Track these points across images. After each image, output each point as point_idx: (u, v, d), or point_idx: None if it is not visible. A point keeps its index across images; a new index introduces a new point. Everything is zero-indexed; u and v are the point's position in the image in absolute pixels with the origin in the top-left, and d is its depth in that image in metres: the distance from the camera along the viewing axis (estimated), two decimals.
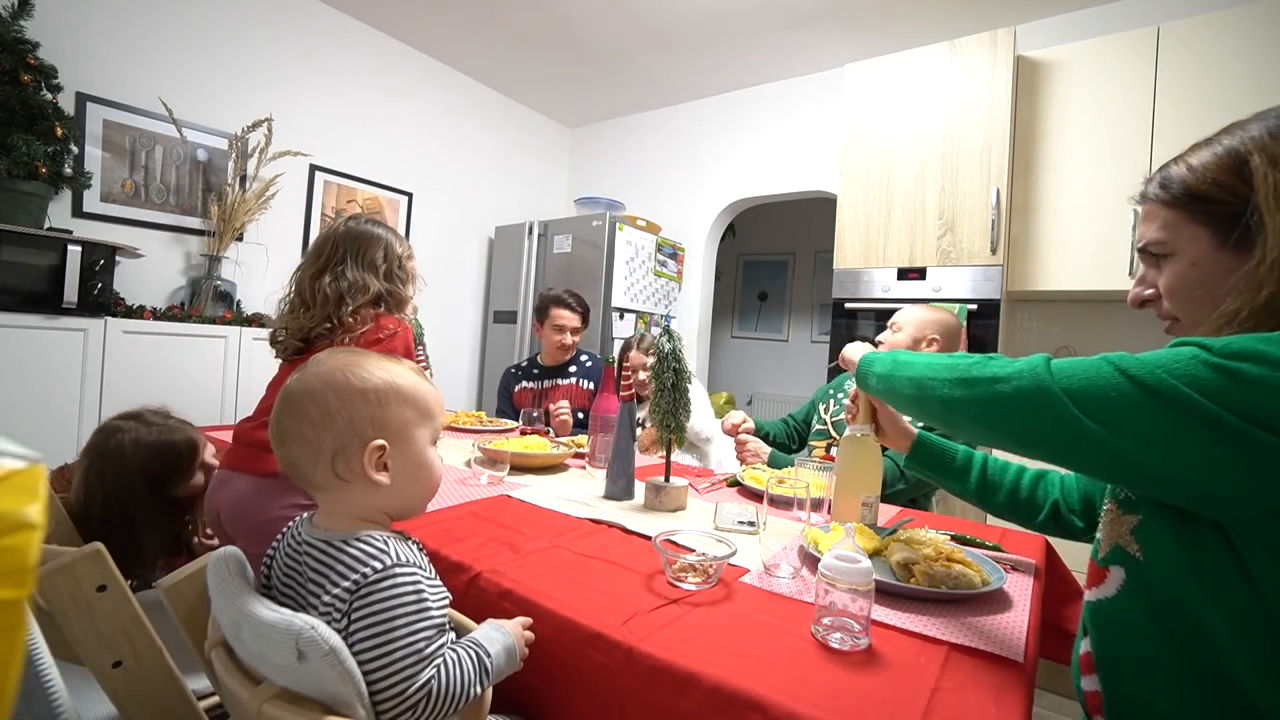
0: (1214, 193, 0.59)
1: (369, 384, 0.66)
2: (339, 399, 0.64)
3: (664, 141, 3.91)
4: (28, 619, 0.31)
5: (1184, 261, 0.63)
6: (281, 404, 0.66)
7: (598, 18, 2.92)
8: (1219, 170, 0.59)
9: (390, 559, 0.60)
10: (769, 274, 5.06)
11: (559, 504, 1.20)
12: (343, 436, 0.64)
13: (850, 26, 2.83)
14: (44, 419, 1.96)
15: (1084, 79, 2.22)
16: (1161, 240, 0.64)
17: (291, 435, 0.64)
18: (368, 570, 0.58)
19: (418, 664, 0.57)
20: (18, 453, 0.32)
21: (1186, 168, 0.62)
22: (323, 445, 0.64)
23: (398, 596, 0.58)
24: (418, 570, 0.61)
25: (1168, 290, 0.65)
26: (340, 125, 3.08)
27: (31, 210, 2.00)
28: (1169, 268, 0.64)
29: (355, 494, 0.65)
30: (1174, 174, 0.63)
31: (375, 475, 0.64)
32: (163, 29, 2.47)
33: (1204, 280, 0.61)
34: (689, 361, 2.00)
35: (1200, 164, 0.61)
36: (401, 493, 0.67)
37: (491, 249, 3.86)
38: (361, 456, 0.64)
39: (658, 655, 0.64)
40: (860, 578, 0.68)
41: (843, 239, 2.58)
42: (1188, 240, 0.62)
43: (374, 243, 1.34)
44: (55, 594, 0.66)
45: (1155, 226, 0.65)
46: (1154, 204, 0.66)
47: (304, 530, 0.66)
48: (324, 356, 0.68)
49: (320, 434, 0.64)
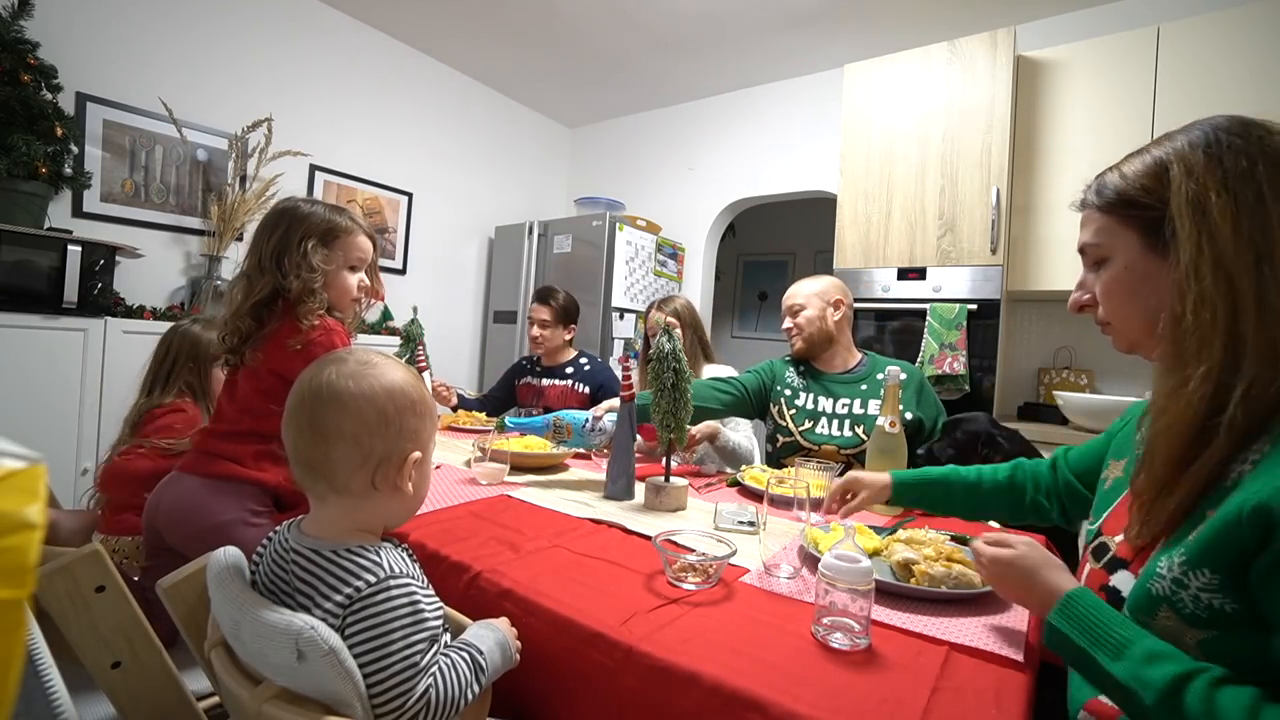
0: (1140, 198, 0.62)
1: (415, 395, 0.67)
2: (396, 408, 0.64)
3: (664, 141, 3.91)
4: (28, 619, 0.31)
5: (1118, 265, 0.65)
6: (331, 401, 0.63)
7: (598, 18, 2.92)
8: (1145, 177, 0.62)
9: (384, 570, 0.59)
10: (769, 274, 5.06)
11: (559, 504, 1.20)
12: (392, 445, 0.64)
13: (850, 26, 2.83)
14: (44, 419, 1.96)
15: (1084, 79, 2.23)
16: (1097, 244, 0.67)
17: (341, 436, 0.62)
18: (361, 584, 0.58)
19: (415, 675, 0.57)
20: (18, 453, 0.32)
21: (1119, 175, 0.65)
22: (373, 451, 0.63)
23: (393, 609, 0.58)
24: (411, 581, 0.61)
25: (1104, 293, 0.67)
26: (340, 125, 3.09)
27: (31, 210, 2.00)
28: (1105, 272, 0.67)
29: (374, 503, 0.65)
30: (1108, 180, 0.66)
31: (404, 486, 0.65)
32: (163, 29, 2.48)
33: (1135, 283, 0.64)
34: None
35: (1131, 171, 0.64)
36: (410, 503, 0.69)
37: (491, 249, 3.86)
38: (402, 467, 0.65)
39: (657, 655, 0.64)
40: (860, 578, 0.68)
41: (843, 239, 2.58)
42: (1121, 244, 0.64)
43: (274, 227, 1.14)
44: (54, 594, 0.66)
45: (1091, 230, 0.68)
46: (1091, 209, 0.68)
47: (291, 538, 0.64)
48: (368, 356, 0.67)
49: (374, 440, 0.63)
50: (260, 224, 1.15)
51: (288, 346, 1.07)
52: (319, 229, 1.14)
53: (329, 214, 1.16)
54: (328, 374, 0.64)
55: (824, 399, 1.59)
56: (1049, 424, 2.22)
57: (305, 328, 1.07)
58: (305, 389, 0.65)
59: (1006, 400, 2.54)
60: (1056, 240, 2.25)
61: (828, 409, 1.57)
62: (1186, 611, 0.53)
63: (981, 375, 2.25)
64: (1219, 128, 0.59)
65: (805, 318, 1.61)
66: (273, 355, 1.10)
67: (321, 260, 1.12)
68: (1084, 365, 2.48)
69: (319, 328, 1.09)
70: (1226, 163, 0.57)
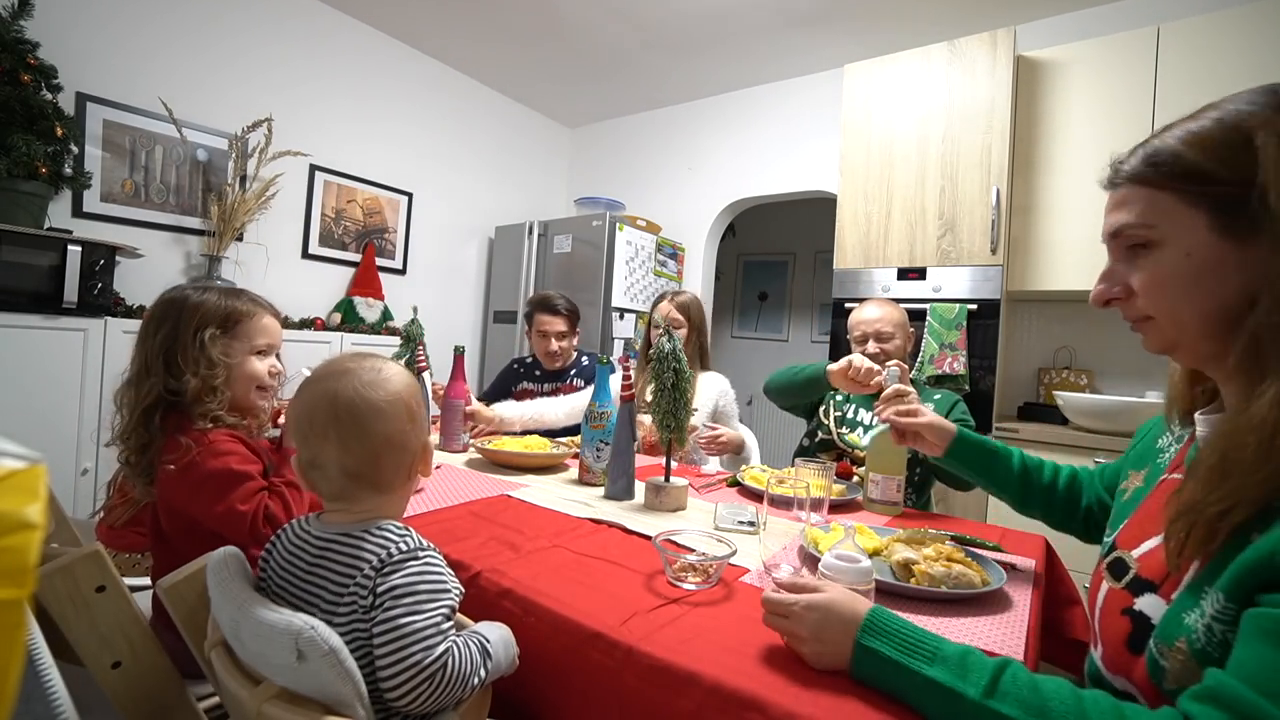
0: (1216, 171, 0.51)
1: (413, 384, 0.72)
2: (416, 401, 0.70)
3: (664, 141, 3.91)
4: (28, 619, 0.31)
5: (1175, 251, 0.54)
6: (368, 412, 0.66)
7: (598, 18, 2.92)
8: (1220, 146, 0.52)
9: (414, 542, 0.64)
10: (769, 274, 5.06)
11: (559, 504, 1.20)
12: (422, 438, 0.71)
13: (850, 26, 2.83)
14: (44, 419, 1.96)
15: (1084, 79, 2.23)
16: (1147, 226, 0.56)
17: (388, 442, 0.67)
18: (394, 549, 0.62)
19: (436, 636, 0.59)
20: (18, 453, 0.32)
21: (1180, 142, 0.54)
22: (411, 446, 0.69)
23: (421, 574, 0.62)
24: (437, 557, 0.65)
25: (1151, 286, 0.57)
26: (340, 125, 3.09)
27: (31, 210, 2.00)
28: (1151, 260, 0.57)
29: (403, 494, 0.72)
30: (1163, 149, 0.55)
31: (416, 484, 0.74)
32: (162, 29, 2.48)
33: (1198, 273, 0.54)
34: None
35: (1197, 138, 0.53)
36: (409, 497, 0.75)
37: (491, 249, 3.86)
38: (425, 455, 0.72)
39: (657, 655, 0.64)
40: (860, 578, 0.68)
41: (843, 239, 2.58)
42: (1181, 226, 0.54)
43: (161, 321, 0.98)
44: (54, 594, 0.66)
45: (1136, 211, 0.57)
46: (1135, 186, 0.57)
47: (314, 528, 0.67)
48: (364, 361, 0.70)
49: (410, 436, 0.69)
50: (144, 320, 1.00)
51: (163, 464, 0.93)
52: (216, 316, 0.99)
53: (225, 299, 1.02)
54: (351, 387, 0.66)
55: (865, 411, 1.64)
56: (1049, 424, 2.22)
57: (184, 444, 0.91)
58: (334, 407, 0.65)
59: (1006, 400, 2.54)
60: (1056, 240, 2.25)
61: (865, 420, 1.63)
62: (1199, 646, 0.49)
63: (981, 375, 2.25)
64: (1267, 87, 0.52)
65: (894, 347, 1.61)
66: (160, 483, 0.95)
67: (222, 352, 0.98)
68: (1084, 365, 2.48)
69: (199, 445, 0.92)
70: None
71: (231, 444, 0.95)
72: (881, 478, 1.25)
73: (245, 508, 0.90)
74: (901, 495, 1.26)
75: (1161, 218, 0.55)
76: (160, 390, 0.95)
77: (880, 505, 1.26)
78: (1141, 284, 0.58)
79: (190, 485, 0.91)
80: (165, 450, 0.93)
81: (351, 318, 3.03)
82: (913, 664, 0.54)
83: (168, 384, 0.95)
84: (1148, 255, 0.57)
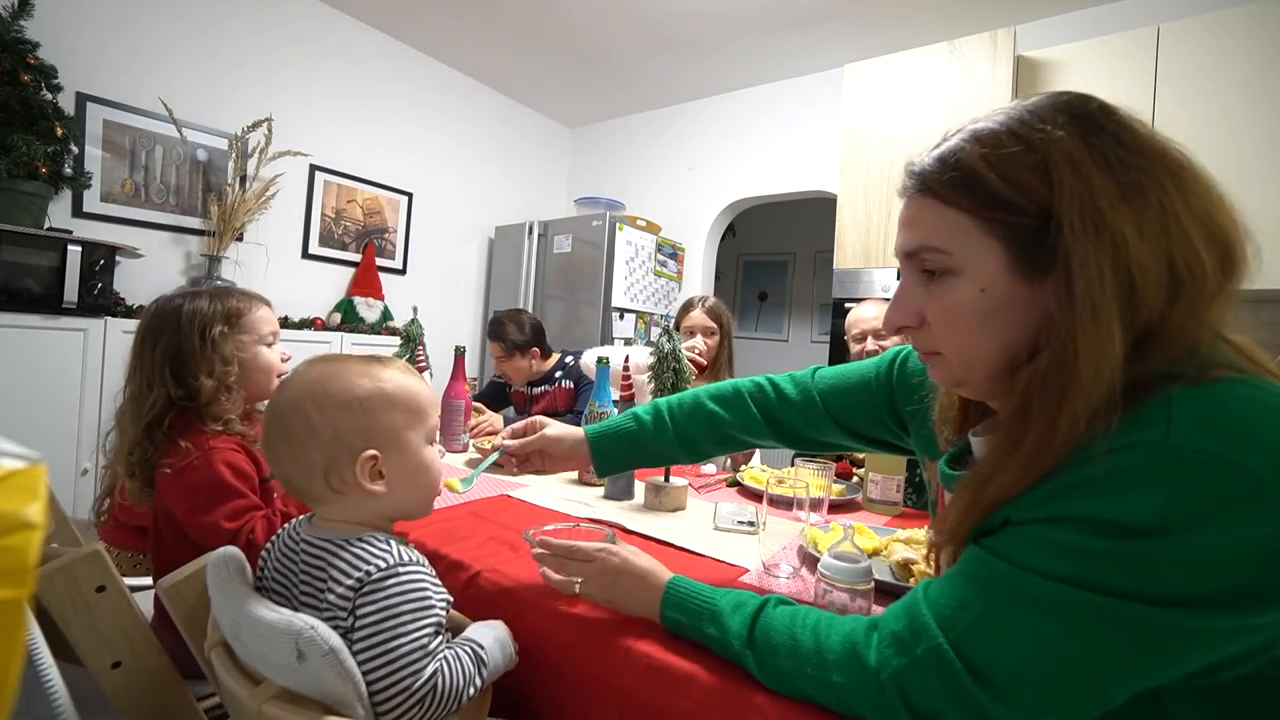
0: (1016, 200, 0.47)
1: (352, 393, 0.63)
2: (321, 412, 0.62)
3: (664, 141, 3.91)
4: (28, 619, 0.31)
5: (970, 285, 0.50)
6: (268, 421, 0.65)
7: (598, 18, 2.92)
8: (1024, 169, 0.46)
9: (393, 558, 0.60)
10: (769, 274, 5.06)
11: (559, 504, 1.20)
12: (330, 450, 0.62)
13: (850, 27, 2.83)
14: (44, 419, 1.96)
15: (1084, 79, 2.22)
16: (944, 252, 0.50)
17: (280, 456, 0.64)
18: (371, 569, 0.59)
19: (423, 658, 0.58)
20: (18, 453, 0.32)
21: (982, 159, 0.48)
22: (312, 461, 0.62)
23: (402, 593, 0.59)
24: (420, 569, 0.62)
25: (943, 319, 0.52)
26: (340, 125, 3.09)
27: (31, 210, 2.00)
28: (946, 289, 0.51)
29: (353, 503, 0.64)
30: (965, 162, 0.49)
31: (370, 485, 0.63)
32: (163, 29, 2.48)
33: (991, 312, 0.49)
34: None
35: (998, 158, 0.47)
36: (400, 498, 0.67)
37: (491, 249, 3.86)
38: (354, 468, 0.62)
39: (656, 654, 0.64)
40: (860, 578, 0.68)
41: (843, 239, 2.58)
42: (978, 257, 0.49)
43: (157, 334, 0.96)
44: (54, 594, 0.66)
45: (932, 230, 0.51)
46: (931, 199, 0.51)
47: (303, 530, 0.66)
48: (305, 367, 0.66)
49: (308, 451, 0.62)
50: (139, 336, 0.97)
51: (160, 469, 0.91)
52: (219, 314, 0.98)
53: (218, 298, 1.00)
54: (276, 396, 0.66)
55: None
56: None
57: (183, 448, 0.90)
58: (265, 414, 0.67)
59: None
60: None
61: None
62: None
63: None
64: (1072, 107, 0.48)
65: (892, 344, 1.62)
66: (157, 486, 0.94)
67: (234, 348, 0.97)
68: None
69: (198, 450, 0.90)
70: (1114, 161, 0.45)
71: (232, 454, 0.93)
72: (881, 478, 1.26)
73: (230, 525, 0.88)
74: (901, 495, 1.26)
75: (959, 244, 0.50)
76: (165, 402, 0.93)
77: (880, 505, 1.26)
78: (935, 315, 0.53)
79: (180, 489, 0.90)
80: (166, 455, 0.92)
81: (351, 318, 3.03)
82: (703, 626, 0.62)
83: (175, 392, 0.94)
84: (942, 284, 0.52)
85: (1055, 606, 0.43)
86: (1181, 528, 0.39)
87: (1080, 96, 0.49)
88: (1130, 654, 0.41)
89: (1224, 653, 0.41)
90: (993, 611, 0.45)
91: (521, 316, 2.18)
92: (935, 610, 0.48)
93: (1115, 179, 0.45)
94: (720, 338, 1.99)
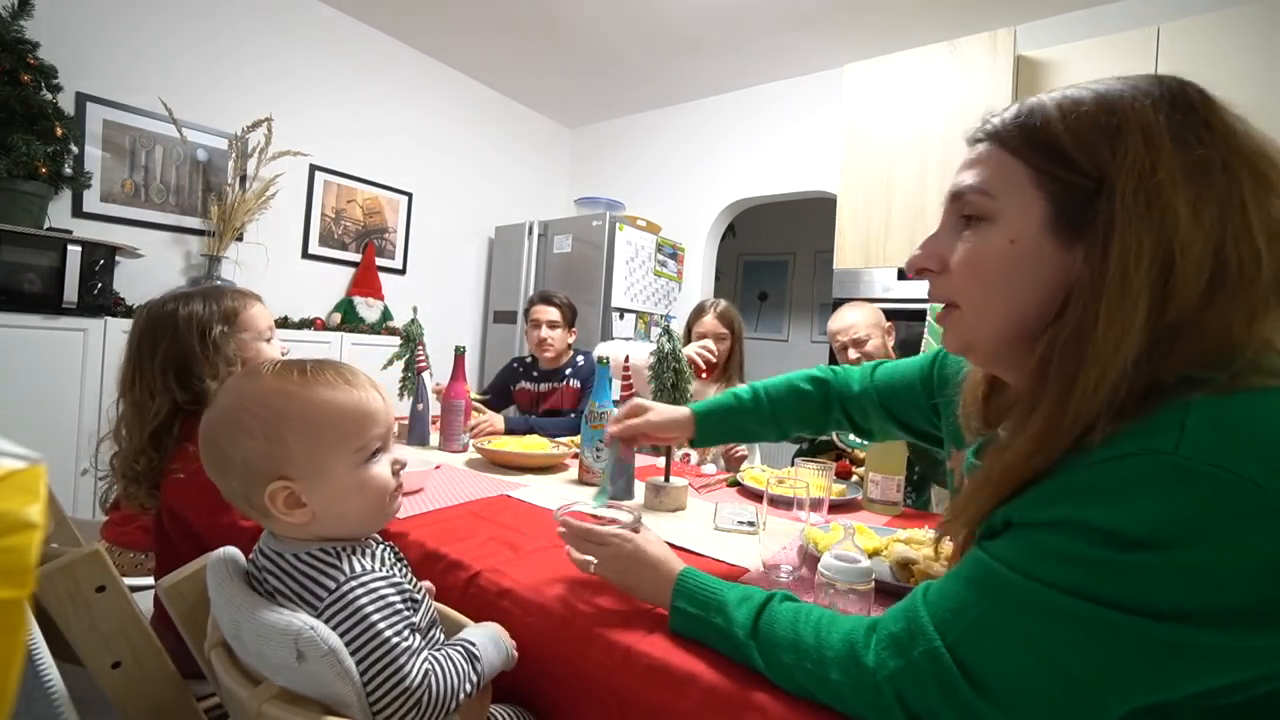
0: (1072, 152, 0.46)
1: (255, 422, 0.58)
2: (230, 441, 0.59)
3: (664, 141, 3.91)
4: (28, 619, 0.31)
5: (1001, 235, 0.50)
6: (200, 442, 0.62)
7: (598, 18, 2.92)
8: (1090, 125, 0.46)
9: (343, 574, 0.58)
10: (769, 274, 5.06)
11: (559, 504, 1.19)
12: (242, 479, 0.59)
13: (850, 26, 2.83)
14: (44, 419, 1.96)
15: (1084, 79, 2.21)
16: (988, 194, 0.50)
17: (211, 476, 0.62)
18: (320, 592, 0.57)
19: (408, 657, 0.57)
20: (18, 453, 0.32)
21: (1057, 107, 0.48)
22: (231, 489, 0.60)
23: (359, 610, 0.56)
24: (373, 576, 0.59)
25: (966, 264, 0.52)
26: (340, 125, 3.09)
27: (31, 210, 2.00)
28: (977, 236, 0.51)
29: (285, 525, 0.60)
30: (1039, 110, 0.49)
31: (287, 517, 0.59)
32: (163, 29, 2.48)
33: (1016, 265, 0.49)
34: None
35: (1072, 112, 0.47)
36: (333, 522, 0.61)
37: (491, 249, 3.86)
38: (263, 497, 0.58)
39: (656, 654, 0.64)
40: (860, 578, 0.68)
41: (843, 239, 2.58)
42: (1018, 207, 0.49)
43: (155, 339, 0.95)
44: (54, 594, 0.66)
45: (986, 172, 0.51)
46: (994, 145, 0.51)
47: (263, 541, 0.64)
48: (228, 385, 0.62)
49: (226, 478, 0.60)
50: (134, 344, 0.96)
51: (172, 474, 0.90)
52: (217, 315, 0.97)
53: (213, 298, 0.99)
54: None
55: None
56: None
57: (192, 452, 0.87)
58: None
59: None
60: None
61: None
62: None
63: None
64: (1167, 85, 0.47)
65: (874, 348, 1.64)
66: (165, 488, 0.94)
67: (236, 346, 0.97)
68: None
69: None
70: (1191, 142, 0.44)
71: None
72: (881, 478, 1.26)
73: (248, 523, 0.87)
74: (901, 495, 1.26)
75: (1006, 189, 0.50)
76: (170, 408, 0.92)
77: (880, 505, 1.26)
78: (958, 261, 0.53)
79: (194, 491, 0.88)
80: (175, 459, 0.91)
81: (351, 318, 3.03)
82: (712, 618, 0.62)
83: (180, 397, 0.93)
84: (975, 230, 0.52)
85: (1051, 615, 0.42)
86: (1181, 542, 0.38)
87: (1180, 79, 0.47)
88: (1126, 667, 0.40)
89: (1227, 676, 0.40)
90: (990, 617, 0.45)
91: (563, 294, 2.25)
92: (934, 613, 0.48)
93: (1185, 156, 0.43)
94: (732, 342, 1.99)
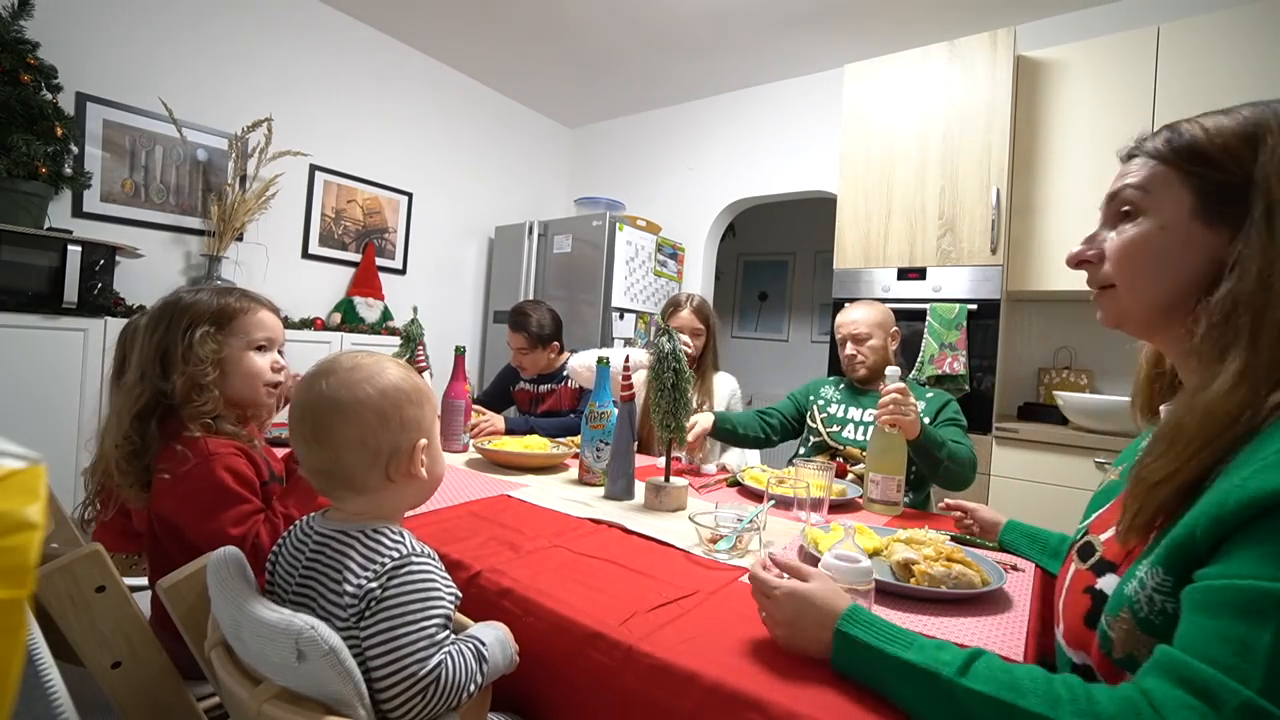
0: (1217, 155, 0.55)
1: (405, 385, 0.68)
2: (392, 403, 0.67)
3: (664, 141, 3.91)
4: (28, 619, 0.31)
5: (1152, 223, 0.58)
6: (330, 412, 0.65)
7: (598, 18, 2.92)
8: (1231, 136, 0.55)
9: (407, 549, 0.63)
10: (769, 274, 5.06)
11: (559, 504, 1.20)
12: (396, 439, 0.67)
13: (850, 26, 2.83)
14: (44, 419, 1.96)
15: (1084, 79, 2.22)
16: (1141, 189, 0.59)
17: (347, 443, 0.65)
18: (385, 560, 0.61)
19: (429, 648, 0.59)
20: (18, 453, 0.32)
21: (1199, 126, 0.57)
22: (381, 449, 0.66)
23: (414, 584, 0.61)
24: (430, 561, 0.64)
25: (1120, 250, 0.61)
26: (340, 125, 3.09)
27: (31, 210, 2.00)
28: (1130, 226, 0.60)
29: (393, 494, 0.68)
30: (1184, 130, 0.58)
31: (420, 471, 0.68)
32: (163, 28, 2.48)
33: (1166, 248, 0.57)
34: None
35: (1214, 126, 0.56)
36: (426, 486, 0.71)
37: (491, 249, 3.86)
38: (413, 456, 0.68)
39: (657, 654, 0.64)
40: (860, 577, 0.68)
41: (843, 239, 2.58)
42: (1167, 200, 0.58)
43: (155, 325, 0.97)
44: (54, 594, 0.66)
45: (1138, 175, 0.60)
46: (1147, 156, 0.60)
47: (316, 524, 0.67)
48: (342, 361, 0.68)
49: (379, 438, 0.66)
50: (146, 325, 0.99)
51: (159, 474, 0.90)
52: (208, 314, 0.97)
53: (217, 296, 1.00)
54: (319, 387, 0.66)
55: (854, 409, 1.67)
56: (1049, 424, 2.22)
57: (179, 452, 0.89)
58: (304, 404, 0.66)
59: (1006, 400, 2.54)
60: (1056, 240, 2.25)
61: (856, 416, 1.65)
62: (1141, 615, 0.52)
63: (982, 375, 2.25)
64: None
65: (871, 347, 1.64)
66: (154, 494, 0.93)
67: (214, 349, 0.95)
68: (1084, 365, 2.48)
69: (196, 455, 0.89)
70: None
71: (233, 458, 0.92)
72: (881, 478, 1.26)
73: (237, 531, 0.87)
74: (901, 495, 1.26)
75: (1156, 186, 0.58)
76: (151, 394, 0.92)
77: (880, 505, 1.26)
78: (1114, 247, 0.61)
79: (181, 496, 0.88)
80: (161, 459, 0.91)
81: (351, 318, 3.03)
82: (890, 649, 0.57)
83: (160, 386, 0.93)
84: (1129, 221, 0.60)
85: None
86: None
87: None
88: None
89: None
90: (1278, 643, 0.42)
91: (543, 308, 2.19)
92: (1211, 662, 0.44)
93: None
94: (706, 338, 1.99)
